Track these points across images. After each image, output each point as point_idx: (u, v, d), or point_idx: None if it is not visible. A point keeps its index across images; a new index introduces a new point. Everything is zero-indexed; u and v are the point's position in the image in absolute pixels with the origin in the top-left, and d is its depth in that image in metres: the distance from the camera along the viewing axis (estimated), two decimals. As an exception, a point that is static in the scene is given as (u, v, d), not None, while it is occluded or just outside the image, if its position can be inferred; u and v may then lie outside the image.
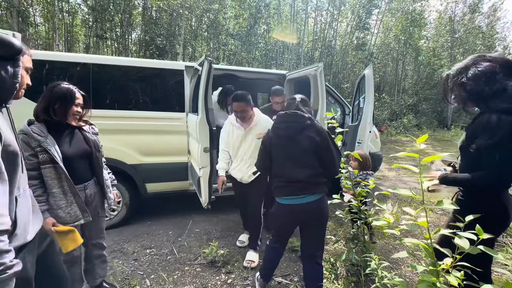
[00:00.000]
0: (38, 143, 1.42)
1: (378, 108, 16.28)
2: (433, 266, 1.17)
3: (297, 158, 1.71)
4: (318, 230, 1.81)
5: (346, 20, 17.97)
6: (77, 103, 1.57)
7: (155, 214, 3.47)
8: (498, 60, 1.22)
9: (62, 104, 1.51)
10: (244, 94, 2.28)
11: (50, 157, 1.44)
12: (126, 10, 12.88)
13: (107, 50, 15.00)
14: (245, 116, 2.30)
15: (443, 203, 1.20)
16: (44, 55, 2.84)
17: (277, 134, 1.77)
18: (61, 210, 1.49)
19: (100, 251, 1.83)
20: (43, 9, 13.64)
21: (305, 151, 1.69)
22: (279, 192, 1.77)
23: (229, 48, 15.76)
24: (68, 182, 1.49)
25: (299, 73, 3.70)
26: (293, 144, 1.71)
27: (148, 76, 3.15)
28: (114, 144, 2.90)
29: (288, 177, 1.71)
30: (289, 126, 1.73)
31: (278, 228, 1.91)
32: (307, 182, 1.69)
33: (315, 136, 1.69)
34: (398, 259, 2.53)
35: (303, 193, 1.69)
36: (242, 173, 2.38)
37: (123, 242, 2.77)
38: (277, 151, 1.76)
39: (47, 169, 1.44)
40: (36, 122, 1.48)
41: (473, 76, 1.23)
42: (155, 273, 2.27)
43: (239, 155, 2.40)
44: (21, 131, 1.42)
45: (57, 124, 1.53)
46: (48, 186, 1.46)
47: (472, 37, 17.32)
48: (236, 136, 2.37)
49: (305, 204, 1.69)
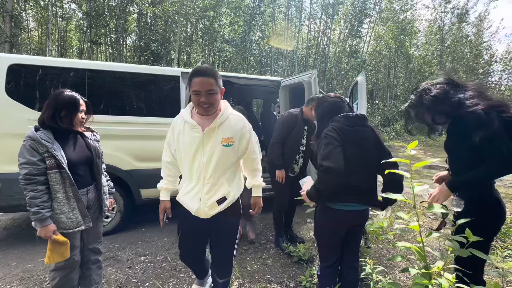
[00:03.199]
0: (46, 149, 1.45)
1: (371, 114, 16.54)
2: (426, 269, 1.20)
3: (366, 165, 1.58)
4: (359, 238, 1.74)
5: (339, 28, 18.39)
6: (81, 109, 1.61)
7: (149, 221, 3.44)
8: (442, 81, 1.46)
9: (68, 111, 1.55)
10: (212, 68, 1.43)
11: (57, 162, 1.47)
12: (121, 16, 12.92)
13: (102, 55, 14.95)
14: (212, 102, 1.39)
15: (433, 208, 1.24)
16: (37, 61, 2.83)
17: (347, 136, 1.54)
18: (63, 215, 1.51)
19: (97, 256, 1.83)
20: (36, 14, 13.56)
21: (372, 157, 1.59)
22: (339, 199, 1.56)
23: (224, 54, 15.89)
24: (72, 187, 1.53)
25: (294, 80, 3.76)
26: (363, 150, 1.57)
27: (144, 82, 3.16)
28: (109, 149, 2.88)
29: (359, 187, 1.55)
30: (360, 131, 1.59)
31: (330, 239, 1.66)
32: (374, 192, 1.61)
33: (377, 139, 1.64)
34: (392, 263, 2.56)
35: (366, 202, 1.60)
36: (199, 203, 1.45)
37: (117, 249, 2.73)
38: (347, 157, 1.50)
39: (53, 174, 1.48)
40: (42, 129, 1.51)
41: (432, 101, 1.42)
42: (150, 280, 2.24)
43: (194, 172, 1.45)
44: (29, 137, 1.45)
45: (62, 131, 1.56)
46: (52, 191, 1.49)
47: (461, 46, 17.89)
48: (190, 140, 1.44)
49: (363, 211, 1.60)
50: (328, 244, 1.68)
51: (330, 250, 1.67)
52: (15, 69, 2.67)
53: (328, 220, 1.63)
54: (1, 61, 2.64)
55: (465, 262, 1.30)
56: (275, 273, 2.39)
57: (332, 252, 1.67)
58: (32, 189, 1.43)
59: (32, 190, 1.43)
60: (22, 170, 1.43)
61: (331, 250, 1.67)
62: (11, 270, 2.35)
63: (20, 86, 2.70)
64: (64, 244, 1.48)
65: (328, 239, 1.67)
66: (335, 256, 1.67)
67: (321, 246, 1.73)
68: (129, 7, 13.26)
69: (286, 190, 2.73)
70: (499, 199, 1.38)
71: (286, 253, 2.66)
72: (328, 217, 1.62)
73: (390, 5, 17.59)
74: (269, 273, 2.40)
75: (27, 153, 1.44)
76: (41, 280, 2.21)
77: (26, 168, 1.43)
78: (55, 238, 1.45)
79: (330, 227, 1.63)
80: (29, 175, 1.43)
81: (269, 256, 2.69)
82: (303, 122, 2.70)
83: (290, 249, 2.62)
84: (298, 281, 2.24)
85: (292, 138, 2.66)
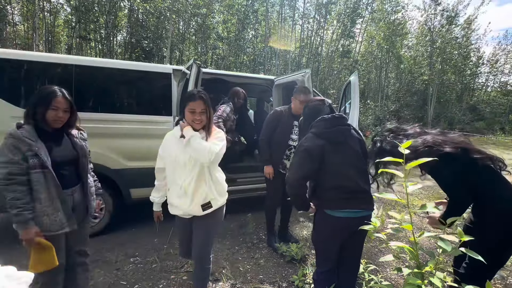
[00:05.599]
0: (29, 147, 1.37)
1: (363, 113, 16.73)
2: (418, 268, 1.20)
3: (357, 164, 1.57)
4: (361, 244, 1.69)
5: (332, 27, 18.48)
6: (55, 106, 1.47)
7: (139, 221, 3.37)
8: None
9: (40, 108, 1.46)
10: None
11: (40, 161, 1.39)
12: (112, 11, 12.62)
13: (91, 51, 14.58)
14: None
15: (426, 207, 1.23)
16: (22, 55, 2.72)
17: (329, 139, 1.56)
18: (46, 216, 1.44)
19: (83, 258, 1.76)
20: (22, 8, 13.10)
21: (359, 155, 1.59)
22: (337, 205, 1.54)
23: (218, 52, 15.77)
24: (56, 188, 1.45)
25: (287, 79, 3.74)
26: (350, 149, 1.58)
27: (134, 79, 3.08)
28: (97, 148, 2.80)
29: (353, 187, 1.54)
30: (341, 130, 1.60)
31: (328, 246, 1.64)
32: (369, 192, 1.58)
33: (360, 138, 1.65)
34: (383, 262, 2.58)
35: (365, 207, 1.56)
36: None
37: (105, 250, 2.66)
38: (335, 159, 1.53)
39: (36, 174, 1.39)
40: (25, 126, 1.42)
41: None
42: (139, 282, 2.19)
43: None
44: (10, 135, 1.37)
45: (46, 128, 1.48)
46: (35, 192, 1.41)
47: (450, 47, 18.26)
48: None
49: (363, 217, 1.50)
50: (326, 251, 1.66)
51: (327, 256, 1.66)
52: None
53: (327, 227, 1.61)
54: (-18, 55, 2.52)
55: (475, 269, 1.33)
56: (267, 273, 2.37)
57: (329, 258, 1.65)
58: (14, 189, 1.36)
59: (13, 190, 1.35)
60: (2, 170, 1.35)
61: (329, 256, 1.65)
62: (-7, 274, 2.26)
63: (3, 82, 2.58)
64: (48, 249, 1.40)
65: (326, 246, 1.65)
66: (332, 262, 1.65)
67: (319, 252, 1.72)
68: (120, 2, 12.96)
69: (279, 188, 2.70)
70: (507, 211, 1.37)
71: (279, 253, 2.65)
72: (326, 224, 1.60)
73: (381, 6, 17.78)
74: (262, 273, 2.38)
75: (8, 152, 1.36)
76: (25, 283, 2.13)
77: (6, 168, 1.35)
78: (38, 241, 1.38)
79: (328, 234, 1.61)
80: (10, 174, 1.35)
81: (261, 256, 2.67)
82: (292, 118, 2.69)
83: (283, 249, 2.61)
84: (291, 280, 2.23)
85: (278, 135, 2.69)
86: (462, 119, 19.91)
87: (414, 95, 20.61)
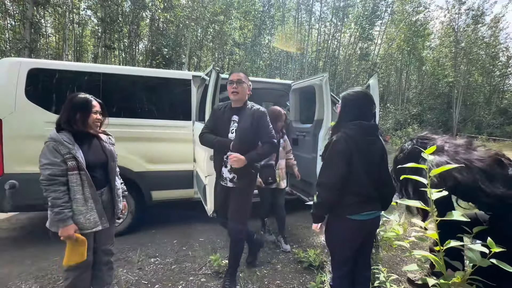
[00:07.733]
0: (68, 150, 1.48)
1: (383, 117, 16.25)
2: (444, 279, 1.15)
3: (373, 171, 1.55)
4: (371, 246, 1.76)
5: (349, 30, 18.20)
6: (95, 110, 1.63)
7: (159, 223, 3.47)
8: None
9: (81, 113, 1.58)
10: None
11: (78, 164, 1.50)
12: (134, 21, 13.26)
13: (115, 60, 15.37)
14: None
15: (453, 215, 1.18)
16: (56, 65, 2.93)
17: (358, 145, 1.51)
18: (81, 216, 1.54)
19: (109, 257, 1.85)
20: (54, 21, 14.10)
21: (378, 163, 1.58)
22: (356, 209, 1.54)
23: (234, 58, 16.02)
24: (91, 188, 1.56)
25: (304, 83, 3.73)
26: (370, 157, 1.56)
27: (156, 85, 3.22)
28: (122, 151, 2.93)
29: (367, 193, 1.54)
30: (371, 141, 1.57)
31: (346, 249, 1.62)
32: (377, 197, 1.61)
33: (382, 146, 1.61)
34: (405, 272, 2.48)
35: (378, 208, 1.60)
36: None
37: (128, 250, 2.76)
38: (357, 165, 1.50)
39: (73, 176, 1.50)
40: (62, 131, 1.54)
41: None
42: (160, 282, 2.25)
43: None
44: (52, 139, 1.49)
45: (79, 133, 1.59)
46: (72, 192, 1.52)
47: (476, 48, 17.38)
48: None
49: (375, 219, 1.60)
50: (343, 255, 1.63)
51: (344, 260, 1.63)
52: (34, 73, 2.77)
53: (342, 230, 1.58)
54: (22, 65, 2.74)
55: None
56: (284, 279, 2.35)
57: (346, 262, 1.62)
58: (55, 189, 1.46)
59: (54, 190, 1.46)
60: (44, 171, 1.45)
61: (345, 260, 1.62)
62: (27, 268, 2.41)
63: (38, 89, 2.79)
64: (83, 244, 1.50)
65: (343, 250, 1.62)
66: (348, 266, 1.62)
67: (335, 256, 1.68)
68: (142, 12, 13.59)
69: None
70: None
71: (296, 259, 2.62)
72: (342, 227, 1.57)
73: (402, 7, 17.31)
74: (279, 278, 2.37)
75: (50, 154, 1.47)
76: (54, 279, 2.25)
77: (49, 169, 1.45)
78: (77, 237, 1.48)
79: (345, 238, 1.59)
80: (52, 175, 1.45)
81: (278, 261, 2.65)
82: None
83: (300, 255, 2.58)
84: (308, 287, 2.20)
85: None
86: (491, 122, 18.76)
87: (437, 98, 19.74)
